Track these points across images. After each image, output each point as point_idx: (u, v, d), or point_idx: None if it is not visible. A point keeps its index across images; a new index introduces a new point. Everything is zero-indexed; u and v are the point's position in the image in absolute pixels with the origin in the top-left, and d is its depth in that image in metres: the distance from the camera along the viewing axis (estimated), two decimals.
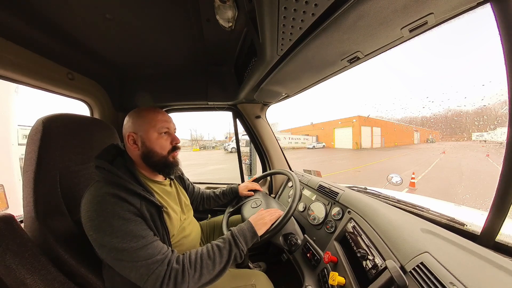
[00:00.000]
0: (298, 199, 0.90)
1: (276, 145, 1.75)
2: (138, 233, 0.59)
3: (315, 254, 0.88)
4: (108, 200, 0.59)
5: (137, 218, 0.61)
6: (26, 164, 0.69)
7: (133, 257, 0.56)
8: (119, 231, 0.56)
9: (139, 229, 0.60)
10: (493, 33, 0.54)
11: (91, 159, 0.85)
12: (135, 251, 0.56)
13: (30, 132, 0.71)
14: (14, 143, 2.43)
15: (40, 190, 0.68)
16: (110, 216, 0.57)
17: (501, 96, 0.61)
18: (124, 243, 0.56)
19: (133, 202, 0.62)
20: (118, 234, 0.56)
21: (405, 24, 0.61)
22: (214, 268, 0.64)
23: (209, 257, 0.64)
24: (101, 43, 1.00)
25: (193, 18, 0.83)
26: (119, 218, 0.58)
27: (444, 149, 19.48)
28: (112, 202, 0.59)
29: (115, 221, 0.57)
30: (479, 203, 3.14)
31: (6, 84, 1.01)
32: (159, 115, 0.76)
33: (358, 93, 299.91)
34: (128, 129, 0.73)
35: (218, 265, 0.64)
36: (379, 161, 12.34)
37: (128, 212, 0.60)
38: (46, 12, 0.76)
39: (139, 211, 0.63)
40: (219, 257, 0.65)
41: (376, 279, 0.59)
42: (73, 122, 0.82)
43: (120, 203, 0.60)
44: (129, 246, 0.56)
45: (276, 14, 0.54)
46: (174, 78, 1.45)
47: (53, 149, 0.72)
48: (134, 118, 0.74)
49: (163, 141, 0.74)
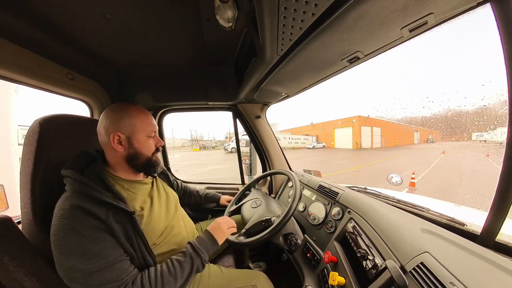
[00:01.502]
0: (298, 199, 0.90)
1: (276, 145, 1.75)
2: (98, 253, 0.55)
3: (315, 254, 0.88)
4: (70, 214, 0.56)
5: (101, 235, 0.57)
6: (23, 165, 0.68)
7: (87, 279, 0.53)
8: (77, 249, 0.54)
9: (100, 248, 0.56)
10: (493, 33, 0.55)
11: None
12: (91, 273, 0.53)
13: (27, 133, 0.70)
14: (14, 143, 2.43)
15: (37, 192, 0.67)
16: (71, 233, 0.54)
17: (501, 96, 0.61)
18: (81, 263, 0.53)
19: (98, 214, 0.58)
20: (76, 253, 0.53)
21: (405, 24, 0.61)
22: (175, 283, 0.63)
23: (170, 273, 0.63)
24: (101, 43, 1.00)
25: (193, 18, 0.83)
26: (79, 235, 0.54)
27: (444, 149, 19.48)
28: (74, 217, 0.56)
29: (74, 238, 0.54)
30: (479, 203, 3.14)
31: (6, 84, 1.01)
32: (148, 119, 0.75)
33: (358, 93, 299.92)
34: (111, 129, 0.68)
35: (180, 279, 0.64)
36: (379, 161, 12.34)
37: (91, 228, 0.56)
38: (46, 12, 0.76)
39: (105, 223, 0.59)
40: (180, 272, 0.65)
41: (376, 279, 0.59)
42: (70, 123, 0.81)
43: (83, 217, 0.56)
44: (85, 267, 0.53)
45: (276, 14, 0.54)
46: (174, 78, 1.45)
47: (50, 150, 0.71)
48: (120, 118, 0.70)
49: (150, 143, 0.75)
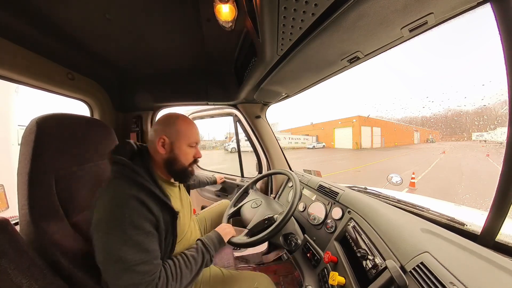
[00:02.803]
0: (298, 199, 0.90)
1: (276, 145, 1.75)
2: (146, 246, 0.58)
3: (315, 254, 0.88)
4: (128, 204, 0.58)
5: (152, 229, 0.61)
6: (21, 166, 0.67)
7: (126, 271, 0.55)
8: (130, 240, 0.56)
9: (149, 242, 0.60)
10: (493, 33, 0.55)
11: (88, 159, 0.84)
12: (135, 265, 0.55)
13: (24, 133, 0.69)
14: (14, 143, 2.43)
15: (35, 192, 0.66)
16: (127, 223, 0.56)
17: (501, 96, 0.61)
18: (129, 254, 0.55)
19: (152, 208, 0.62)
20: (128, 244, 0.56)
21: (405, 24, 0.61)
22: (191, 276, 0.69)
23: (187, 267, 0.68)
24: (101, 43, 1.00)
25: (193, 18, 0.83)
26: (134, 226, 0.57)
27: (444, 149, 19.47)
28: (131, 207, 0.58)
29: (130, 229, 0.56)
30: (479, 203, 3.14)
31: (6, 84, 1.01)
32: (194, 129, 0.79)
33: (358, 93, 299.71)
34: (160, 132, 0.73)
35: (194, 272, 0.70)
36: (379, 161, 12.34)
37: (146, 222, 0.60)
38: (46, 12, 0.76)
39: (157, 219, 0.63)
40: (195, 265, 0.70)
41: (376, 279, 0.59)
42: (68, 122, 0.80)
43: (140, 209, 0.59)
44: (131, 259, 0.55)
45: (276, 14, 0.54)
46: (174, 78, 1.45)
47: (48, 150, 0.70)
48: (169, 124, 0.75)
49: (189, 153, 0.77)
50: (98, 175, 0.90)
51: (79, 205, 0.79)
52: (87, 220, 0.76)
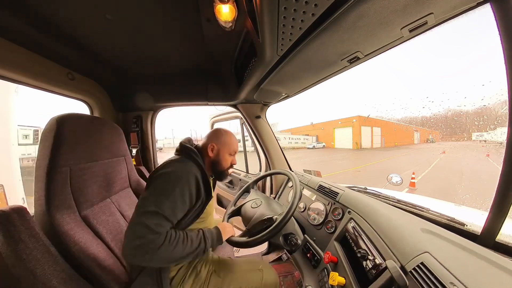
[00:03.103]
0: (298, 199, 0.90)
1: (276, 145, 1.75)
2: (177, 209, 0.73)
3: (315, 254, 0.88)
4: (188, 177, 0.77)
5: (188, 202, 0.77)
6: (39, 160, 0.73)
7: (155, 215, 0.67)
8: (170, 199, 0.71)
9: (180, 208, 0.75)
10: (493, 33, 0.54)
11: (99, 156, 0.92)
12: (163, 215, 0.68)
13: (44, 130, 0.76)
14: (14, 143, 2.43)
15: (51, 185, 0.71)
16: (178, 189, 0.73)
17: (501, 96, 0.61)
18: (165, 206, 0.69)
19: (201, 189, 0.80)
20: (170, 199, 0.71)
21: (405, 24, 0.61)
22: (180, 253, 0.71)
23: (183, 243, 0.73)
24: (101, 43, 1.00)
25: (193, 18, 0.84)
26: (181, 194, 0.74)
27: (444, 149, 19.47)
28: (188, 182, 0.76)
29: (177, 194, 0.73)
30: (479, 203, 3.14)
31: (6, 84, 1.01)
32: (235, 142, 0.99)
33: (358, 93, 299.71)
34: (211, 140, 0.94)
35: (183, 252, 0.72)
36: (379, 161, 12.35)
37: (190, 196, 0.77)
38: (47, 12, 0.76)
39: (197, 199, 0.80)
40: (189, 247, 0.74)
41: (376, 279, 0.59)
42: (84, 121, 0.87)
43: (193, 184, 0.77)
44: (165, 209, 0.69)
45: (276, 14, 0.54)
46: (174, 78, 1.45)
47: (65, 146, 0.76)
48: (220, 135, 0.96)
49: (228, 160, 0.96)
50: (107, 172, 0.96)
51: (89, 199, 0.85)
52: (95, 215, 0.85)
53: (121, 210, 1.01)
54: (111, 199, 0.98)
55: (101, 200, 0.92)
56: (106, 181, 0.96)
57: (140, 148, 1.60)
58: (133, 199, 1.15)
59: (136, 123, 1.58)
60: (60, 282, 0.61)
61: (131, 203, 1.09)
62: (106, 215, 0.90)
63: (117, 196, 1.03)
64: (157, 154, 1.74)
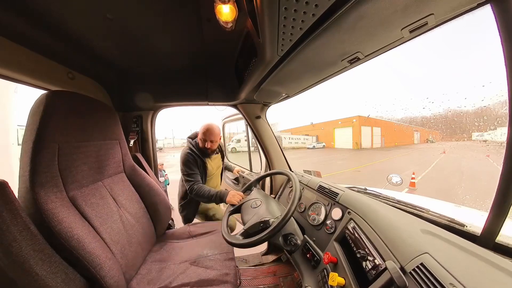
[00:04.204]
0: (298, 200, 0.90)
1: (276, 145, 1.75)
2: (192, 170, 1.52)
3: (315, 254, 0.88)
4: (187, 154, 1.54)
5: (195, 166, 1.55)
6: (26, 134, 0.69)
7: (187, 177, 1.51)
8: (186, 167, 1.52)
9: (194, 168, 1.54)
10: (493, 34, 0.54)
11: (91, 137, 0.89)
12: (189, 175, 1.51)
13: (33, 104, 0.71)
14: (14, 143, 2.43)
15: (38, 160, 0.68)
16: (186, 161, 1.53)
17: (501, 96, 0.61)
18: (186, 172, 1.52)
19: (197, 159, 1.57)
20: (185, 167, 1.52)
21: (405, 24, 0.61)
22: (203, 198, 1.45)
23: (205, 192, 1.44)
24: (101, 43, 1.00)
25: (193, 18, 0.83)
26: (188, 162, 1.53)
27: (444, 149, 19.46)
28: (188, 155, 1.54)
29: (186, 163, 1.53)
30: (479, 204, 3.14)
31: (6, 84, 1.01)
32: (204, 131, 1.56)
33: (358, 93, 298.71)
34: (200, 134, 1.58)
35: (205, 198, 1.44)
36: (379, 161, 12.35)
37: (192, 161, 1.54)
38: (47, 11, 0.76)
39: (197, 164, 1.57)
40: (207, 195, 1.43)
41: (376, 280, 0.59)
42: (77, 100, 0.84)
43: (191, 157, 1.54)
44: (186, 173, 1.51)
45: (277, 14, 0.54)
46: (174, 78, 1.45)
47: (54, 122, 0.72)
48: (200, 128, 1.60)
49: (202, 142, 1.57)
50: (99, 154, 0.93)
51: (78, 180, 0.81)
52: (84, 197, 0.81)
53: (113, 194, 0.98)
54: (102, 182, 0.95)
55: (92, 183, 0.89)
56: (98, 163, 0.93)
57: (140, 148, 1.60)
58: (127, 184, 1.11)
59: (136, 123, 1.58)
60: (38, 263, 0.57)
61: (124, 188, 1.06)
62: (97, 198, 0.88)
63: (109, 180, 1.00)
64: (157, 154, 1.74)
